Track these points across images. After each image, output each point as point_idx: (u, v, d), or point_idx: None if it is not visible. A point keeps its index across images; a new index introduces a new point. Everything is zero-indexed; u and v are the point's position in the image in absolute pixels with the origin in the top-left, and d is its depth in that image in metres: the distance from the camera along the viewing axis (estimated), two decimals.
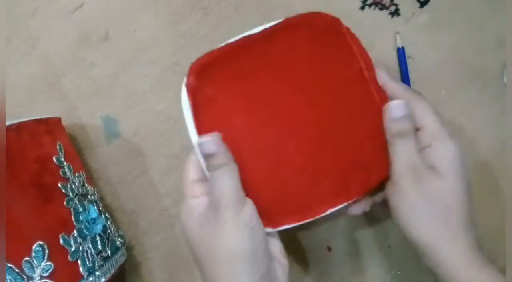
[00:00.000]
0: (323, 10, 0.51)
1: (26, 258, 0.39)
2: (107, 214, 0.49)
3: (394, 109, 0.38)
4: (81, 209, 0.44)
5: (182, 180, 0.39)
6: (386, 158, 0.39)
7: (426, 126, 0.38)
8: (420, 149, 0.38)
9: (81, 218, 0.44)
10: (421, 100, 0.39)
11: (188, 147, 0.53)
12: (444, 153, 0.37)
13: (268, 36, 0.40)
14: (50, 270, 0.39)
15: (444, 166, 0.37)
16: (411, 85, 0.49)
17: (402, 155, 0.38)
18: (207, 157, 0.37)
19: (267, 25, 0.40)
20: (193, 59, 0.53)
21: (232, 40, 0.40)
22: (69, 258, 0.41)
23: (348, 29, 0.41)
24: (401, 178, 0.37)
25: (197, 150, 0.38)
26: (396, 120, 0.38)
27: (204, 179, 0.39)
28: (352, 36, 0.41)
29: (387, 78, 0.41)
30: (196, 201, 0.38)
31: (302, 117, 0.39)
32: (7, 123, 0.41)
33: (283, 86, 0.40)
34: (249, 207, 0.37)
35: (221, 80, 0.39)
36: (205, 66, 0.39)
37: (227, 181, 0.37)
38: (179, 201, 0.52)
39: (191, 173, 0.39)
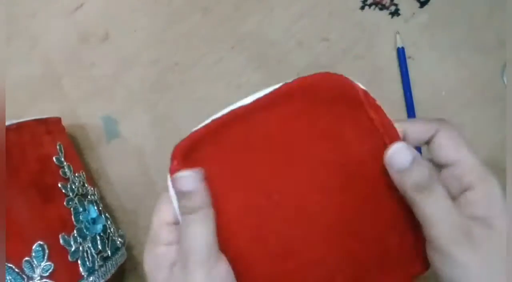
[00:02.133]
0: (323, 10, 0.51)
1: (26, 258, 0.39)
2: (107, 214, 0.49)
3: (397, 156, 0.30)
4: (81, 209, 0.44)
5: (154, 219, 0.33)
6: (420, 250, 0.31)
7: (462, 161, 0.30)
8: (455, 193, 0.30)
9: (81, 218, 0.44)
10: (451, 128, 0.31)
11: None
12: (492, 197, 0.30)
13: (264, 107, 0.32)
14: (50, 270, 0.39)
15: (494, 214, 0.29)
16: (411, 85, 0.49)
17: (435, 213, 0.29)
18: (181, 195, 0.31)
19: (261, 93, 0.32)
20: (193, 59, 0.53)
21: (220, 114, 0.33)
22: (69, 258, 0.41)
23: (366, 93, 0.32)
24: (447, 243, 0.29)
25: (170, 187, 0.32)
26: (407, 171, 0.29)
27: (175, 223, 0.33)
28: (373, 103, 0.32)
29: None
30: (167, 249, 0.32)
31: (309, 204, 0.32)
32: (7, 123, 0.41)
33: (286, 167, 0.32)
34: (223, 265, 0.31)
35: (210, 162, 0.32)
36: (190, 148, 0.32)
37: (200, 229, 0.30)
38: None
39: (166, 213, 0.33)
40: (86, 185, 0.48)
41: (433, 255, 0.30)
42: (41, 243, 0.40)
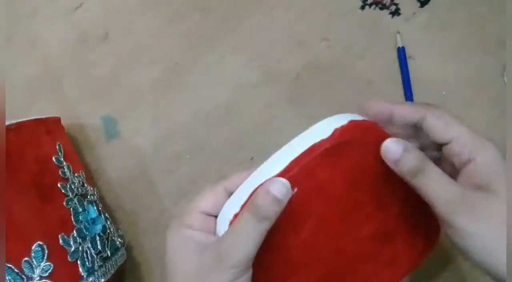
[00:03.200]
0: (323, 9, 0.51)
1: (26, 258, 0.39)
2: (106, 214, 0.49)
3: (389, 149, 0.32)
4: (80, 209, 0.44)
5: (191, 203, 0.34)
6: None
7: (456, 137, 0.32)
8: (459, 166, 0.32)
9: (80, 218, 0.44)
10: (438, 109, 0.33)
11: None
12: (491, 164, 0.31)
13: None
14: (49, 271, 0.39)
15: (495, 180, 0.31)
16: (412, 85, 0.49)
17: (433, 190, 0.31)
18: (265, 194, 0.31)
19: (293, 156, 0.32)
20: (193, 59, 0.53)
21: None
22: (69, 258, 0.41)
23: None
24: (454, 218, 0.30)
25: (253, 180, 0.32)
26: (402, 159, 0.31)
27: (211, 215, 0.34)
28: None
29: (392, 105, 0.34)
30: (193, 233, 0.33)
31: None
32: (6, 123, 0.40)
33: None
34: (248, 276, 0.32)
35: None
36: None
37: (253, 238, 0.31)
38: (178, 202, 0.52)
39: (205, 202, 0.34)
40: (85, 185, 0.47)
41: (447, 231, 0.31)
42: (41, 243, 0.40)
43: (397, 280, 0.36)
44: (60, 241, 0.41)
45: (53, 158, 0.44)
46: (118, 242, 0.48)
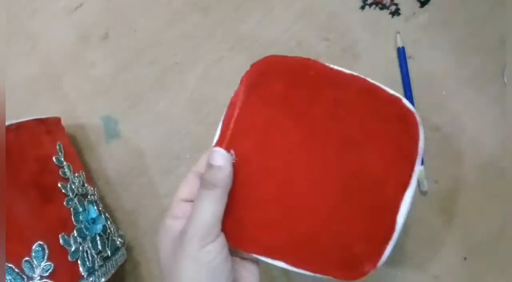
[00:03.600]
0: (323, 9, 0.51)
1: (26, 258, 0.39)
2: (107, 214, 0.49)
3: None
4: (81, 209, 0.44)
5: (174, 196, 0.37)
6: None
7: None
8: None
9: (81, 218, 0.44)
10: None
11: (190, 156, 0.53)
12: None
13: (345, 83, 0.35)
14: (50, 270, 0.39)
15: None
16: (412, 85, 0.49)
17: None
18: (208, 167, 0.34)
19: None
20: (193, 59, 0.53)
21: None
22: (69, 258, 0.41)
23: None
24: None
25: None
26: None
27: (189, 201, 0.36)
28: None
29: None
30: (174, 222, 0.35)
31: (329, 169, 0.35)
32: (7, 123, 0.40)
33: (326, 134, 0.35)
34: (218, 242, 0.33)
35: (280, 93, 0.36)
36: (259, 78, 0.37)
37: (209, 206, 0.33)
38: None
39: (182, 190, 0.36)
40: (86, 185, 0.47)
41: None
42: (41, 243, 0.40)
43: (407, 173, 0.35)
44: (61, 240, 0.41)
45: (54, 158, 0.44)
46: (118, 242, 0.48)
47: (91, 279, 0.42)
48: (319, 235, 0.34)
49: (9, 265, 0.38)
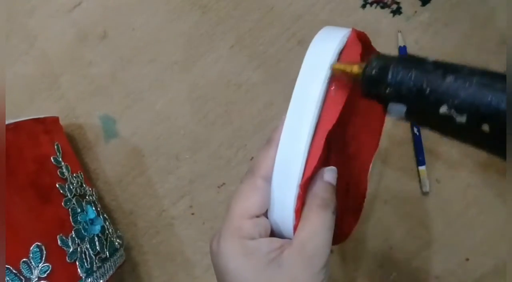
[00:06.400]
0: (324, 8, 0.51)
1: (24, 259, 0.38)
2: (105, 215, 0.49)
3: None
4: (79, 210, 0.44)
5: (235, 208, 0.30)
6: None
7: None
8: None
9: (79, 219, 0.43)
10: None
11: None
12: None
13: None
14: (48, 271, 0.39)
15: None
16: None
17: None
18: (328, 187, 0.31)
19: None
20: (192, 58, 0.53)
21: None
22: (67, 259, 0.41)
23: None
24: None
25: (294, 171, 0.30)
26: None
27: (260, 215, 0.31)
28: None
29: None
30: (257, 243, 0.30)
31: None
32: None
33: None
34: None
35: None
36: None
37: (328, 232, 0.30)
38: (177, 201, 0.52)
39: (255, 204, 0.30)
40: (84, 185, 0.47)
41: None
42: (39, 244, 0.39)
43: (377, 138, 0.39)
44: (59, 241, 0.41)
45: (52, 158, 0.44)
46: (117, 243, 0.48)
47: (89, 280, 0.42)
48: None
49: (7, 266, 0.38)
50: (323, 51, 0.30)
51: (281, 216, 0.31)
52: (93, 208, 0.46)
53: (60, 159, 0.45)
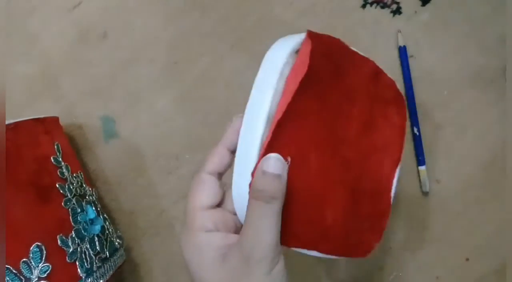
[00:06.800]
0: (324, 8, 0.51)
1: (24, 259, 0.38)
2: (105, 215, 0.49)
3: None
4: (79, 210, 0.44)
5: (188, 205, 0.31)
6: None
7: None
8: None
9: (79, 219, 0.43)
10: None
11: (191, 158, 0.53)
12: None
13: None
14: (48, 271, 0.39)
15: None
16: (413, 84, 0.49)
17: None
18: (263, 176, 0.28)
19: None
20: (192, 58, 0.53)
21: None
22: (67, 259, 0.41)
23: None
24: None
25: (245, 160, 0.30)
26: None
27: (215, 206, 0.32)
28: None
29: None
30: (208, 236, 0.30)
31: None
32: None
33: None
34: (282, 262, 0.30)
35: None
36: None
37: (270, 224, 0.28)
38: (178, 201, 0.52)
39: (204, 196, 0.31)
40: (84, 186, 0.47)
41: None
42: (39, 244, 0.39)
43: (400, 151, 0.35)
44: (59, 241, 0.41)
45: (51, 158, 0.44)
46: (117, 243, 0.48)
47: (89, 280, 0.42)
48: (340, 224, 0.33)
49: (7, 266, 0.38)
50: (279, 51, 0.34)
51: (239, 207, 0.31)
52: (93, 208, 0.46)
53: (60, 159, 0.45)
